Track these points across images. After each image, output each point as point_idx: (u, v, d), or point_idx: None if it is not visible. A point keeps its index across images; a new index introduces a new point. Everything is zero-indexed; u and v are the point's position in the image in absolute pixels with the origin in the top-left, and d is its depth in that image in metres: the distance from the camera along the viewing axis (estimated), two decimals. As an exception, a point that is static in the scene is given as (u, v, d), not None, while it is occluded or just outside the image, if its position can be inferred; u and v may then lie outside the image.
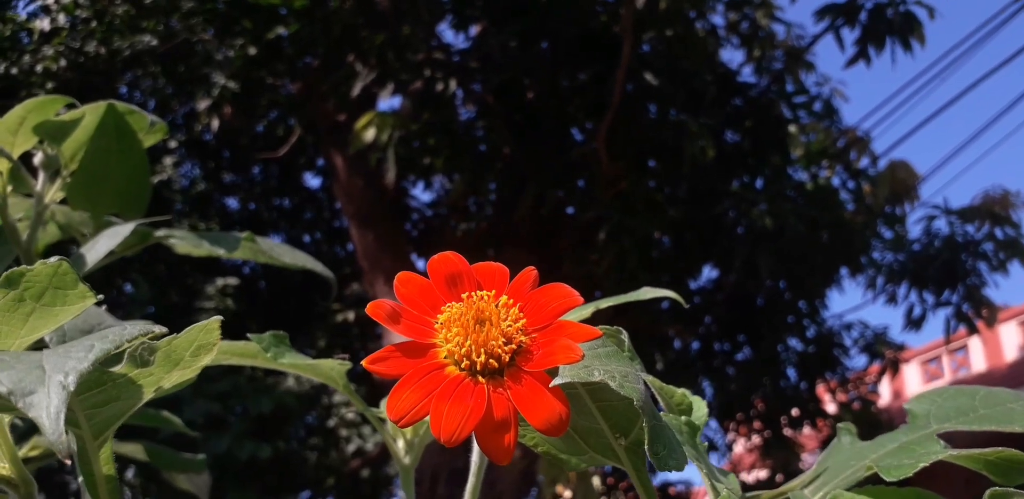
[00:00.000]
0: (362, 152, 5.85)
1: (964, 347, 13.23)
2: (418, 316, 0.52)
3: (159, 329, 0.49)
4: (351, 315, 7.81)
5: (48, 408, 0.35)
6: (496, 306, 0.51)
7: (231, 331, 0.61)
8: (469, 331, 0.50)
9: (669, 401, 0.61)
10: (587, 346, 0.50)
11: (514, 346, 0.50)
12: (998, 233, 6.76)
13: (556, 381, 0.47)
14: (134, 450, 1.36)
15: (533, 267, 0.55)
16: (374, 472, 8.34)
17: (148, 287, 7.12)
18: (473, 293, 0.52)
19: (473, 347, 0.49)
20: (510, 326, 0.50)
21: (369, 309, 0.51)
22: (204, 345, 0.52)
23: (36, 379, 0.37)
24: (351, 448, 8.26)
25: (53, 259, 0.53)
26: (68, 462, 0.36)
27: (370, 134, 5.70)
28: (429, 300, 0.53)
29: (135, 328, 0.45)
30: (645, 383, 0.51)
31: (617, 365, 0.48)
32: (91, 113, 1.13)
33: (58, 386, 0.37)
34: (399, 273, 0.53)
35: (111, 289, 7.17)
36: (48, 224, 1.26)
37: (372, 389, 6.68)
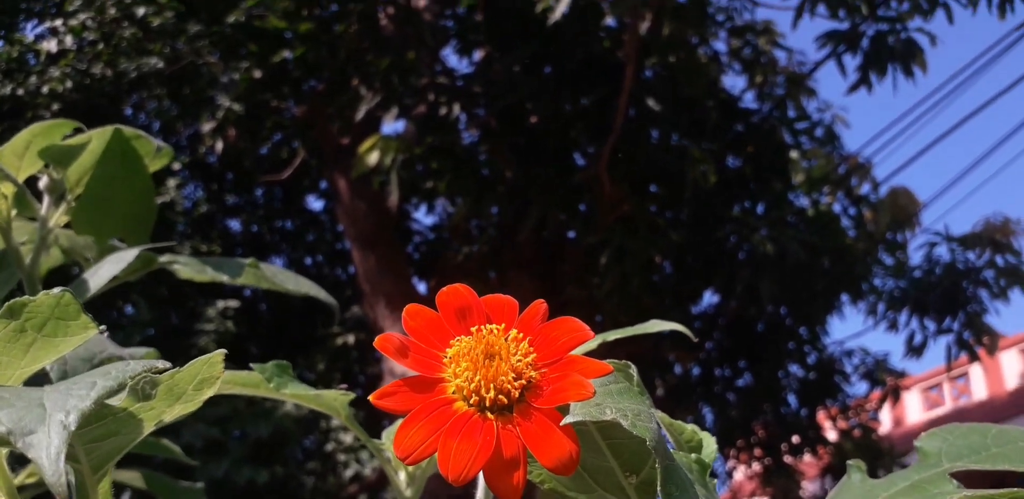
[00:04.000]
0: (365, 175, 5.86)
1: (965, 375, 13.18)
2: (426, 350, 0.51)
3: (163, 364, 0.48)
4: (351, 338, 7.78)
5: (48, 449, 0.34)
6: (506, 340, 0.51)
7: (231, 354, 0.60)
8: (478, 366, 0.49)
9: (679, 438, 0.60)
10: (598, 382, 0.49)
11: (524, 381, 0.49)
12: (999, 260, 6.75)
13: (567, 419, 0.46)
14: (132, 478, 1.35)
15: (543, 301, 0.54)
16: (371, 498, 8.27)
17: (149, 309, 7.10)
18: (483, 327, 0.51)
19: (482, 382, 0.48)
20: (520, 361, 0.50)
21: (377, 343, 0.50)
22: (207, 379, 0.52)
23: (36, 418, 0.36)
24: (349, 473, 8.19)
25: (56, 290, 0.52)
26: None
27: (373, 157, 5.72)
28: (438, 333, 0.52)
29: (138, 365, 0.44)
30: (656, 421, 0.50)
31: (629, 403, 0.47)
32: (97, 138, 1.13)
33: (59, 425, 0.36)
34: (408, 305, 0.53)
35: (112, 311, 7.15)
36: (51, 248, 1.25)
37: (370, 415, 6.64)
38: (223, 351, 0.52)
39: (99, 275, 1.06)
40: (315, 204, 9.22)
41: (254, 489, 6.51)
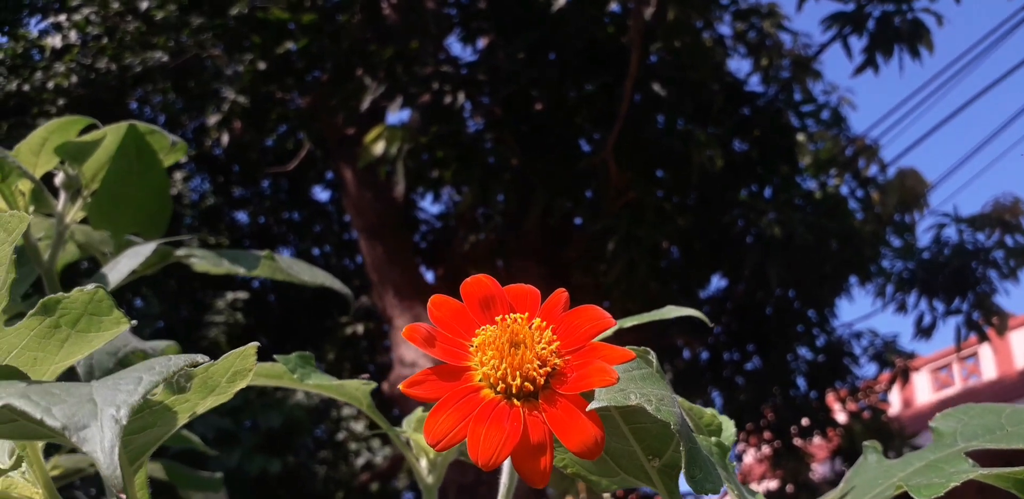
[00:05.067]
0: (371, 165, 5.86)
1: (974, 355, 13.15)
2: (452, 339, 0.52)
3: (202, 359, 0.49)
4: (360, 328, 7.81)
5: (102, 443, 0.36)
6: (530, 328, 0.52)
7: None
8: (504, 354, 0.50)
9: (698, 422, 0.62)
10: (621, 368, 0.50)
11: (549, 369, 0.50)
12: (1008, 241, 6.74)
13: (594, 405, 0.47)
14: (152, 468, 1.36)
15: (564, 290, 0.55)
16: (383, 486, 8.32)
17: (158, 302, 7.14)
18: (507, 316, 0.52)
19: (508, 370, 0.50)
20: (544, 349, 0.51)
21: (405, 333, 0.51)
22: (240, 371, 0.53)
23: (89, 413, 0.37)
24: (360, 462, 8.25)
25: (89, 286, 0.53)
26: (123, 497, 0.36)
27: (379, 147, 5.72)
28: (463, 323, 0.53)
29: (180, 359, 0.46)
30: (679, 405, 0.51)
31: (653, 388, 0.49)
32: (112, 133, 1.14)
33: (111, 420, 0.37)
34: (433, 296, 0.54)
35: (122, 304, 7.18)
36: (68, 244, 1.27)
37: (381, 403, 6.67)
38: (255, 344, 0.53)
39: (118, 269, 1.07)
40: (322, 195, 9.26)
41: (266, 479, 6.57)
